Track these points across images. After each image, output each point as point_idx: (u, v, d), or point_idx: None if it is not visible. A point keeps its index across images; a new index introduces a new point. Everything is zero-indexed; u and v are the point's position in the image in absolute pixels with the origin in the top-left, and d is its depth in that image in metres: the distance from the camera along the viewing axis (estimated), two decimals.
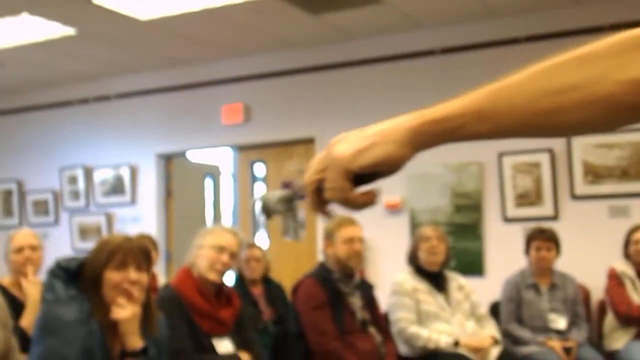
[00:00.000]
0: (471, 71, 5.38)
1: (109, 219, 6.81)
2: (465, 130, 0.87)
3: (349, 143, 0.93)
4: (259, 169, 6.64)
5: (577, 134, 0.88)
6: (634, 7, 5.05)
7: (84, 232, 6.87)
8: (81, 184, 6.94)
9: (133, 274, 2.37)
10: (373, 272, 5.70)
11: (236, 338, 3.19)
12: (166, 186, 6.78)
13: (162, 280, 4.85)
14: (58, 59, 6.33)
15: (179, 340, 2.94)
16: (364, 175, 0.93)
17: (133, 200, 6.78)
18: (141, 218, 6.69)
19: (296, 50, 6.22)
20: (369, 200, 0.96)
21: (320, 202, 0.97)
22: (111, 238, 2.46)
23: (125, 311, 2.32)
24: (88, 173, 6.93)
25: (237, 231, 3.35)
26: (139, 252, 2.42)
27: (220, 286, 3.23)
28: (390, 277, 4.21)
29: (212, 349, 3.07)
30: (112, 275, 2.35)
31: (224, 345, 3.12)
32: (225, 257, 3.14)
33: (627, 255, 4.40)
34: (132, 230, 5.91)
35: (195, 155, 7.09)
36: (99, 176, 6.87)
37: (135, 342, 2.33)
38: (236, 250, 3.22)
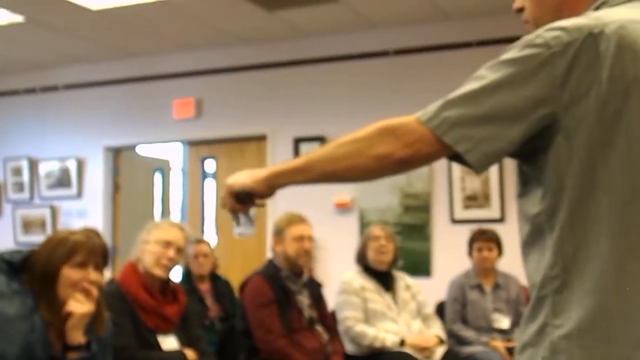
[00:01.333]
0: (423, 72, 5.43)
1: (54, 212, 6.67)
2: (293, 179, 1.43)
3: (235, 177, 1.56)
4: (210, 165, 6.58)
5: (358, 182, 1.40)
6: None
7: (27, 225, 6.71)
8: (26, 176, 6.78)
9: (93, 274, 2.34)
10: (322, 271, 5.71)
11: (181, 335, 3.15)
12: (114, 180, 6.68)
13: (107, 275, 4.77)
14: (5, 47, 6.17)
15: (123, 336, 2.89)
16: (250, 197, 1.54)
17: (79, 194, 6.66)
18: (87, 212, 6.57)
19: (250, 46, 6.19)
20: (244, 209, 1.59)
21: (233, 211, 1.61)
22: (70, 234, 2.40)
23: (83, 306, 2.29)
24: (33, 165, 6.78)
25: (184, 226, 3.31)
26: (100, 252, 2.39)
27: (166, 282, 3.19)
28: (339, 275, 4.22)
29: (157, 346, 3.03)
30: (71, 273, 2.30)
31: (169, 342, 3.08)
32: (171, 252, 3.10)
33: None
34: (77, 224, 5.81)
35: (145, 150, 6.99)
36: (44, 168, 6.72)
37: (78, 336, 2.29)
38: (183, 245, 3.19)
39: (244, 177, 1.53)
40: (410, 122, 1.27)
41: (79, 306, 2.28)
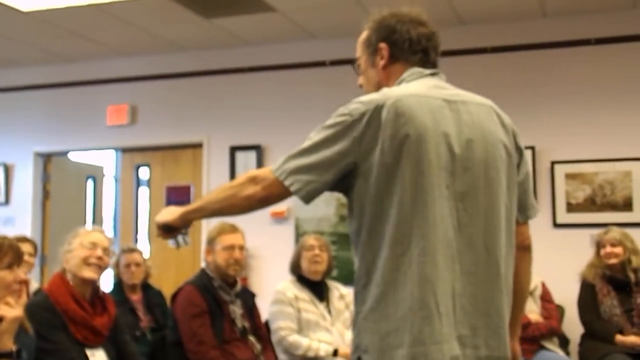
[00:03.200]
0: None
1: None
2: (196, 215, 1.96)
3: (160, 214, 2.03)
4: (144, 173, 6.48)
5: (238, 215, 1.87)
6: (481, 33, 5.33)
7: None
8: None
9: (21, 273, 2.35)
10: (257, 280, 5.68)
11: (111, 347, 3.07)
12: (44, 187, 6.50)
13: (35, 285, 4.63)
14: None
15: (63, 352, 2.81)
16: (171, 228, 2.03)
17: (7, 201, 6.46)
18: (15, 219, 6.38)
19: (186, 53, 6.14)
20: (173, 236, 2.06)
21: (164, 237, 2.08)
22: None
23: (14, 310, 2.27)
24: None
25: (104, 230, 3.25)
26: (20, 252, 2.40)
27: (96, 291, 3.10)
28: (274, 285, 4.20)
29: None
30: (2, 275, 2.29)
31: (98, 356, 2.99)
32: (99, 252, 3.03)
33: None
34: (4, 232, 5.61)
35: (78, 156, 6.83)
36: None
37: (9, 343, 2.25)
38: (108, 246, 3.10)
39: (166, 214, 2.02)
40: (265, 172, 1.79)
41: (10, 310, 2.26)
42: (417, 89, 1.80)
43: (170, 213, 2.00)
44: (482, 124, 1.81)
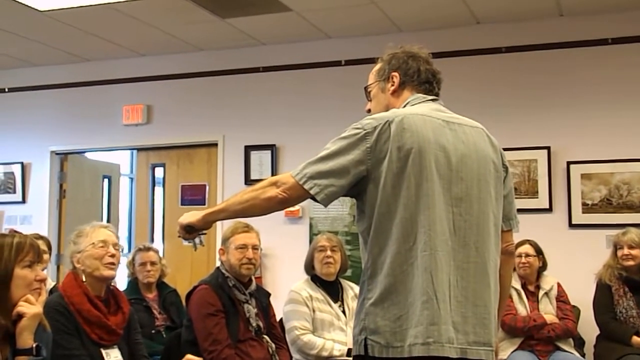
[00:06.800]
0: None
1: None
2: (219, 216, 2.19)
3: (183, 217, 2.25)
4: (160, 172, 6.51)
5: (259, 215, 2.09)
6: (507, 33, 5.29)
7: None
8: None
9: (41, 272, 2.36)
10: (271, 279, 5.69)
11: (125, 347, 3.07)
12: (60, 185, 6.55)
13: (51, 283, 4.67)
14: None
15: (76, 357, 2.82)
16: (193, 229, 2.25)
17: (24, 199, 6.51)
18: (32, 218, 6.43)
19: (202, 53, 6.16)
20: (193, 237, 2.28)
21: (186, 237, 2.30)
22: (8, 236, 2.37)
23: (35, 307, 2.28)
24: None
25: (109, 225, 3.24)
26: (40, 250, 2.40)
27: (111, 290, 3.11)
28: (289, 284, 4.20)
29: None
30: (25, 273, 2.29)
31: (113, 355, 2.99)
32: (111, 249, 3.03)
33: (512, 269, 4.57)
34: (21, 230, 5.66)
35: (93, 154, 6.87)
36: None
37: (29, 340, 2.26)
38: (117, 241, 3.11)
39: (189, 217, 2.24)
40: (286, 177, 2.02)
41: (30, 307, 2.28)
42: (421, 110, 2.08)
43: (193, 215, 2.22)
44: (475, 143, 2.09)
